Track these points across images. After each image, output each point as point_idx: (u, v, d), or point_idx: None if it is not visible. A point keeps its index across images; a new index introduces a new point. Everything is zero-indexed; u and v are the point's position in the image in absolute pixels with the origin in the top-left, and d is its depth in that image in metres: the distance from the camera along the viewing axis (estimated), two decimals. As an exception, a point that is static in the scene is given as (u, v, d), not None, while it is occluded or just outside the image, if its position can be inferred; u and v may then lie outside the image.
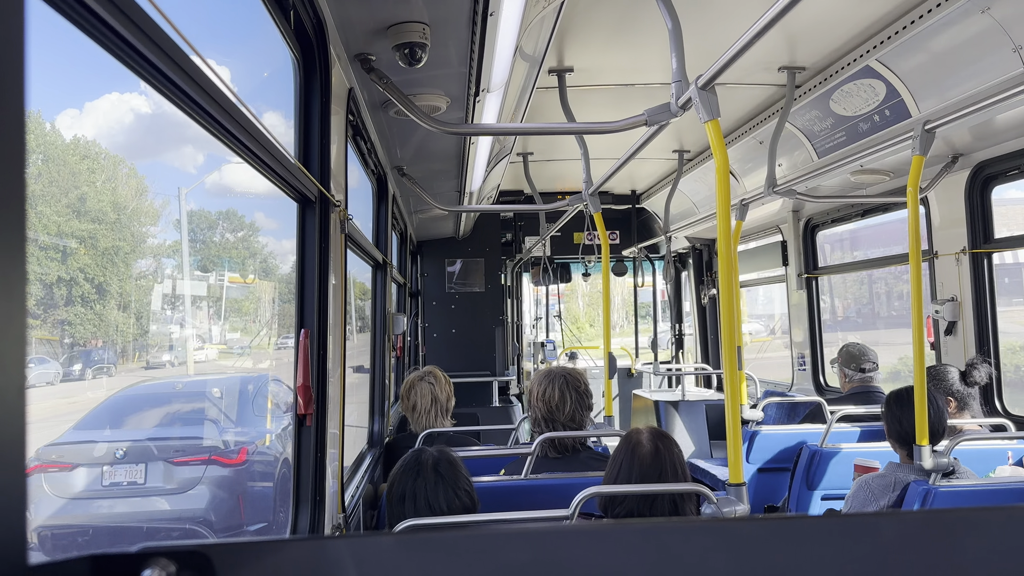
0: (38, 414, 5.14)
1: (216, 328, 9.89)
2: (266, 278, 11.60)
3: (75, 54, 4.86)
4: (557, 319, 10.51)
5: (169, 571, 0.58)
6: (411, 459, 2.41)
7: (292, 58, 2.36)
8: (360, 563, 0.64)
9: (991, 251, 4.29)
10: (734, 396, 2.17)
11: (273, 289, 10.97)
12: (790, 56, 3.95)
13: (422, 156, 4.32)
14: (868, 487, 3.15)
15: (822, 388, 6.30)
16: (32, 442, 3.40)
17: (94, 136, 6.96)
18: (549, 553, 0.64)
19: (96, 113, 7.17)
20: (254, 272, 11.61)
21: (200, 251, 9.95)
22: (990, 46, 3.05)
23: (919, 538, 0.65)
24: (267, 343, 10.74)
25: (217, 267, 10.24)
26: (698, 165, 6.23)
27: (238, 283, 10.98)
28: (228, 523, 4.50)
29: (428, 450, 2.43)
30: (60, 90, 5.69)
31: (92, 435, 4.54)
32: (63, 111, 6.62)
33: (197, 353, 8.78)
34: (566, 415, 3.17)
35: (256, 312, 11.18)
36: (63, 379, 4.83)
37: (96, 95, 7.77)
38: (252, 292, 11.23)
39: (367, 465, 3.81)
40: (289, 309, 2.69)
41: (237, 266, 10.96)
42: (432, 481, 2.32)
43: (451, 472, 2.36)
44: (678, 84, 2.48)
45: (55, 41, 1.47)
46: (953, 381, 3.83)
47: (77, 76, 6.52)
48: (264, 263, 11.57)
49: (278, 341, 10.04)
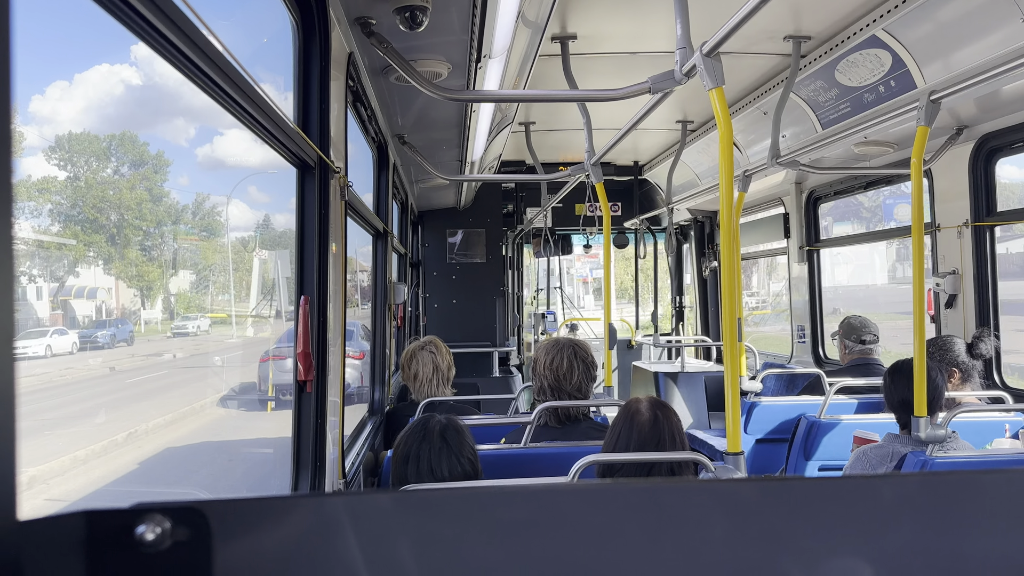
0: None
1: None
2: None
3: (71, 18, 4.80)
4: (558, 290, 10.52)
5: (164, 527, 0.58)
6: (419, 423, 2.44)
7: (291, 21, 2.33)
8: (357, 520, 0.64)
9: (994, 224, 4.27)
10: (734, 367, 2.17)
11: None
12: (795, 25, 3.90)
13: (423, 124, 4.28)
14: (866, 457, 3.16)
15: (821, 360, 6.31)
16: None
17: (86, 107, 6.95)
18: (547, 511, 0.64)
19: (89, 84, 7.11)
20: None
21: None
22: (998, 16, 3.01)
23: (916, 500, 0.64)
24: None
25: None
26: (701, 136, 6.19)
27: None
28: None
29: (438, 416, 2.46)
30: (54, 56, 5.63)
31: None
32: (55, 80, 6.59)
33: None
34: (573, 385, 3.21)
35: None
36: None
37: (92, 62, 7.71)
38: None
39: (368, 433, 3.83)
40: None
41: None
42: (437, 447, 2.34)
43: (457, 440, 2.38)
44: (682, 51, 2.45)
45: (47, 5, 1.45)
46: (959, 352, 3.83)
47: (72, 42, 6.45)
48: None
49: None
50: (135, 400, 10.14)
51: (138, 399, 10.24)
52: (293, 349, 2.36)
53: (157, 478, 7.47)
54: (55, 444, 7.14)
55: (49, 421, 7.71)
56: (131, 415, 9.23)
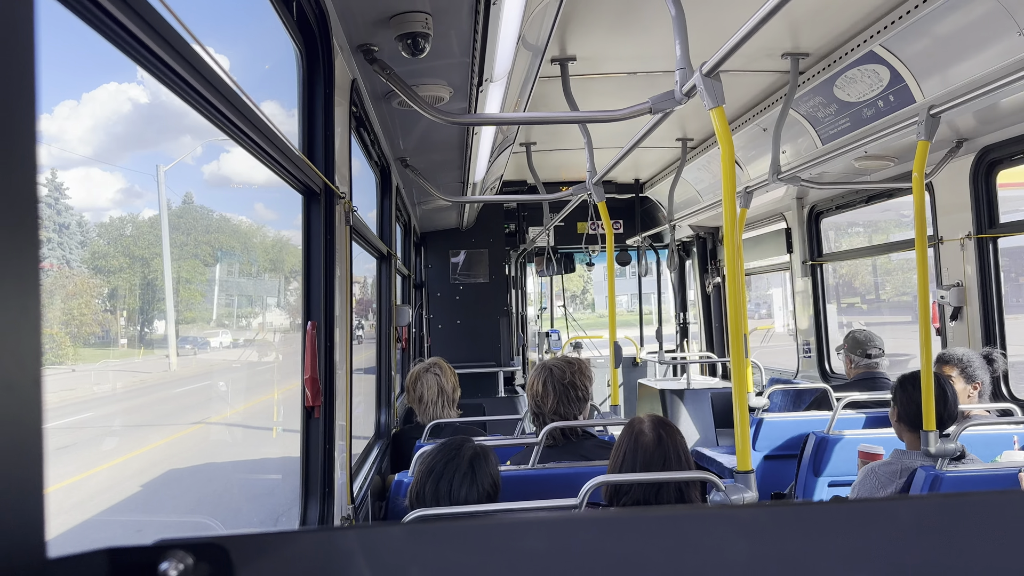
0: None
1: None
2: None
3: (75, 45, 4.87)
4: (561, 308, 10.52)
5: (186, 563, 0.59)
6: (455, 443, 2.47)
7: (295, 49, 2.35)
8: (371, 554, 0.64)
9: (996, 236, 4.27)
10: (741, 384, 2.16)
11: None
12: (793, 42, 3.93)
13: (425, 147, 4.31)
14: (875, 474, 3.14)
15: (827, 375, 6.30)
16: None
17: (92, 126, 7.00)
18: (563, 541, 0.64)
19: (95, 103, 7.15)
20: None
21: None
22: (995, 30, 3.03)
23: (931, 523, 0.65)
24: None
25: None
26: (701, 153, 6.21)
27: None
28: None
29: (472, 442, 2.49)
30: (61, 81, 5.69)
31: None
32: (62, 102, 6.64)
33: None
34: (549, 408, 3.23)
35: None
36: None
37: (96, 85, 7.77)
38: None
39: (374, 456, 3.83)
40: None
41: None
42: (463, 472, 2.38)
43: (483, 469, 2.41)
44: (682, 71, 2.46)
45: (54, 32, 1.46)
46: (998, 368, 3.89)
47: (78, 67, 6.51)
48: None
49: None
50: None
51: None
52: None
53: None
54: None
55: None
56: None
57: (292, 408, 2.62)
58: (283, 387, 10.30)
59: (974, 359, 3.83)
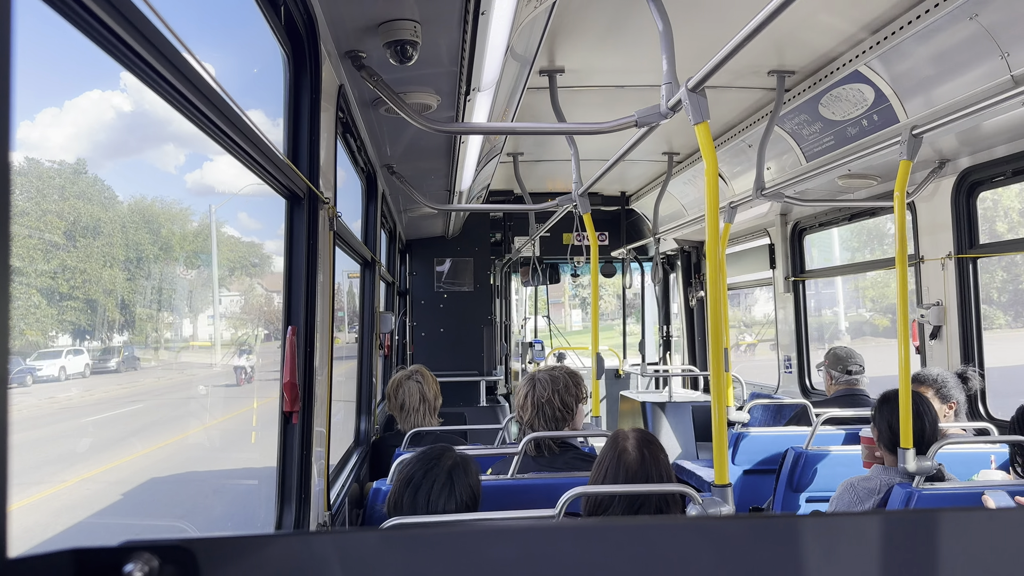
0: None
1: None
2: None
3: (61, 48, 4.83)
4: (546, 319, 10.53)
5: (152, 565, 0.58)
6: (434, 452, 2.44)
7: (282, 54, 2.35)
8: (345, 559, 0.64)
9: (976, 256, 4.32)
10: (720, 398, 2.17)
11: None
12: (779, 60, 3.97)
13: (412, 154, 4.31)
14: (853, 489, 3.16)
15: (807, 390, 6.33)
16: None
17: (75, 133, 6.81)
18: (535, 550, 0.64)
19: (78, 110, 7.04)
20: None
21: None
22: (978, 53, 3.08)
23: (902, 537, 0.65)
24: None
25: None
26: (687, 168, 6.25)
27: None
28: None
29: (452, 452, 2.47)
30: (44, 85, 5.62)
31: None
32: (45, 107, 6.49)
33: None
34: (527, 422, 3.26)
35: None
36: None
37: (81, 91, 7.67)
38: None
39: (353, 464, 3.80)
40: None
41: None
42: (441, 482, 2.35)
43: (463, 479, 2.39)
44: (668, 86, 2.48)
45: (39, 34, 1.46)
46: (972, 387, 3.91)
47: (62, 71, 6.44)
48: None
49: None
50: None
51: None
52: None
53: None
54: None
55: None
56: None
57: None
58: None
59: (948, 379, 3.86)
